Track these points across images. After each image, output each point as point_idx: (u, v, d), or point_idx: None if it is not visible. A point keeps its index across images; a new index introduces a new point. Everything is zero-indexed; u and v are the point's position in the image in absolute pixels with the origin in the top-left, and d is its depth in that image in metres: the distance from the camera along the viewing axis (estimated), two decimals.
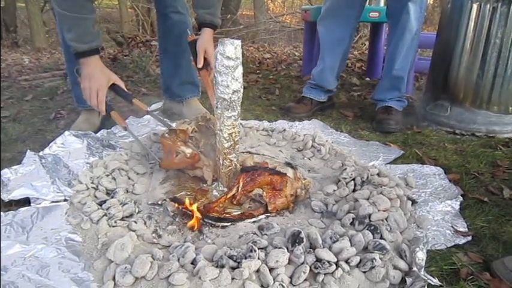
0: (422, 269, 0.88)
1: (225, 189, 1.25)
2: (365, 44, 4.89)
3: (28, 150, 1.40)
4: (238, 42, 1.10)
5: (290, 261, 0.91)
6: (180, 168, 1.32)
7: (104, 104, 1.41)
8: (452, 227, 1.10)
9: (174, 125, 1.45)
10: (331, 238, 0.97)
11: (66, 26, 1.41)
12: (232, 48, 1.09)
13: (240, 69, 1.13)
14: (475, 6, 1.79)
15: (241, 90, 1.16)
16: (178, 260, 0.91)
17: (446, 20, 1.96)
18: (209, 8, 1.56)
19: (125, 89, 1.47)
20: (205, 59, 1.54)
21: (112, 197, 1.20)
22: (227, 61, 1.10)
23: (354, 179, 1.29)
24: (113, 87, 1.45)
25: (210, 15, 1.56)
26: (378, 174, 1.28)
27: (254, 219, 1.13)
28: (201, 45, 1.53)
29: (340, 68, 2.20)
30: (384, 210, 1.09)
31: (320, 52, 2.21)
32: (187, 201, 1.12)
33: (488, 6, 1.75)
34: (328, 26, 2.12)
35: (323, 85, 2.18)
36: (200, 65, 1.54)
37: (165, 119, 1.57)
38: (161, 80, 2.10)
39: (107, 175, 1.32)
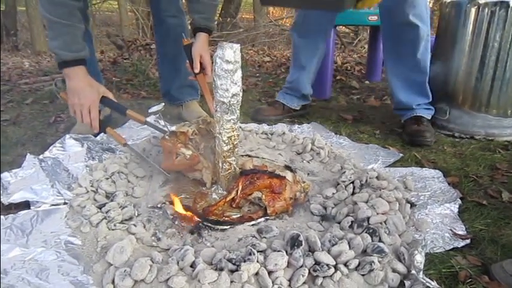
0: (421, 272, 0.88)
1: (224, 193, 1.26)
2: (364, 47, 4.91)
3: (28, 154, 1.40)
4: (237, 46, 1.11)
5: (289, 265, 0.91)
6: (179, 170, 1.33)
7: (98, 121, 1.35)
8: (451, 230, 1.10)
9: (173, 128, 1.45)
10: (330, 241, 0.97)
11: (53, 33, 1.32)
12: (231, 52, 1.10)
13: (239, 73, 1.14)
14: (473, 10, 1.80)
15: (241, 93, 1.16)
16: (178, 263, 0.91)
17: (445, 24, 1.97)
18: (204, 13, 1.57)
19: (115, 100, 1.44)
20: (201, 63, 1.55)
21: (111, 200, 1.20)
22: (226, 65, 1.10)
23: (353, 182, 1.29)
24: (103, 100, 1.39)
25: (205, 20, 1.57)
26: (377, 177, 1.28)
27: (253, 222, 1.13)
28: (197, 50, 1.53)
29: (314, 75, 2.16)
30: (382, 213, 1.09)
31: (294, 58, 2.16)
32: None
33: (486, 10, 1.76)
34: (302, 32, 2.08)
35: (298, 88, 2.13)
36: (197, 71, 1.54)
37: (164, 124, 1.56)
38: (160, 84, 2.10)
39: (107, 178, 1.32)
